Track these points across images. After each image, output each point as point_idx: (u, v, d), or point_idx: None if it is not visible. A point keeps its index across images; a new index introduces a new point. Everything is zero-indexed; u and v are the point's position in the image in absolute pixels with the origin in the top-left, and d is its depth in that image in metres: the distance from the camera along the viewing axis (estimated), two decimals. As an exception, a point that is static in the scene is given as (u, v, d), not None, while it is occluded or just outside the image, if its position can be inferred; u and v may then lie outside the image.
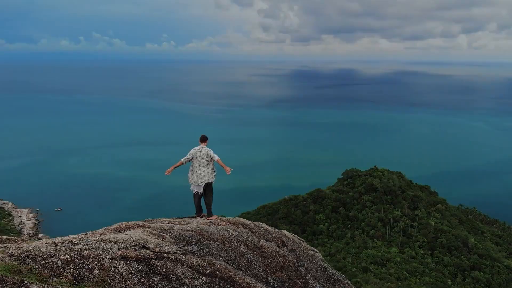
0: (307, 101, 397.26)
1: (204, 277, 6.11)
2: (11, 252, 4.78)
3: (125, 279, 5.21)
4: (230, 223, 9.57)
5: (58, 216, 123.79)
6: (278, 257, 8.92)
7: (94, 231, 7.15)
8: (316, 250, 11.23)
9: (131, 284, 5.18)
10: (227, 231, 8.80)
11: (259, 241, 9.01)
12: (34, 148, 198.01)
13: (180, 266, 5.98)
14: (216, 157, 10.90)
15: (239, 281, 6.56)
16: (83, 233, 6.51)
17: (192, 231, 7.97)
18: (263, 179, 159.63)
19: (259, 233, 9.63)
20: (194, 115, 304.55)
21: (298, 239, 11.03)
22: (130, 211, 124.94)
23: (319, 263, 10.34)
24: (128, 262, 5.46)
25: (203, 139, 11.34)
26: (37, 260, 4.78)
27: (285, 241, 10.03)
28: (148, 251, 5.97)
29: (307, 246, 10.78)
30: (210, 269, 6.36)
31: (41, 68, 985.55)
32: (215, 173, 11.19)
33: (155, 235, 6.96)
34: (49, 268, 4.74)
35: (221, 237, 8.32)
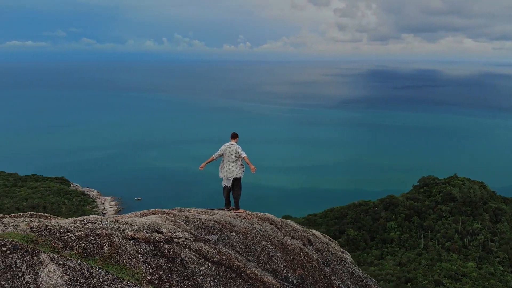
0: (383, 102, 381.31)
1: (210, 264, 6.38)
2: (33, 225, 5.49)
3: (132, 257, 5.67)
4: (256, 217, 9.73)
5: (137, 205, 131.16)
6: (302, 255, 8.90)
7: (123, 215, 7.78)
8: (347, 252, 10.95)
9: (136, 263, 5.63)
10: (251, 224, 8.98)
11: (283, 238, 9.06)
12: (119, 141, 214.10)
13: (187, 251, 6.32)
14: (244, 155, 11.25)
15: (247, 271, 6.72)
16: (117, 216, 7.16)
17: (215, 221, 8.30)
18: (332, 181, 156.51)
19: (285, 230, 9.67)
20: (265, 115, 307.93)
21: (329, 240, 10.85)
22: (202, 204, 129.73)
23: (347, 265, 10.09)
24: (137, 243, 5.92)
25: (234, 136, 11.79)
26: (54, 233, 5.43)
27: (312, 240, 9.95)
28: (159, 235, 6.41)
29: (336, 248, 10.58)
30: (218, 257, 6.61)
31: (127, 67, 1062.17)
32: (243, 169, 11.53)
33: (171, 221, 7.40)
34: (63, 241, 5.35)
35: (243, 229, 8.52)
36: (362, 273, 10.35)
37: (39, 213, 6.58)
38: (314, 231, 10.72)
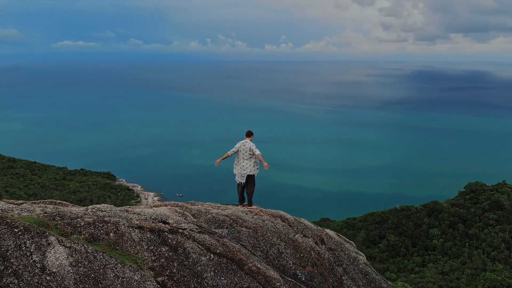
0: (429, 104, 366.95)
1: (212, 255, 6.62)
2: (47, 210, 5.96)
3: (135, 244, 6.02)
4: (269, 214, 9.86)
5: (178, 200, 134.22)
6: (312, 253, 8.93)
7: (134, 206, 8.19)
8: (361, 253, 10.81)
9: (140, 250, 5.97)
10: (262, 221, 9.12)
11: (294, 235, 9.13)
12: (162, 139, 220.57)
13: (191, 242, 6.59)
14: (257, 152, 11.45)
15: (249, 264, 6.89)
16: (126, 207, 7.60)
17: (226, 216, 8.53)
18: (373, 185, 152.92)
19: (297, 228, 9.73)
20: (305, 115, 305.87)
21: (345, 240, 10.78)
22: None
23: (360, 266, 9.99)
24: (142, 231, 6.27)
25: (248, 134, 12.09)
26: (64, 219, 5.87)
27: (325, 240, 9.93)
28: (164, 225, 6.73)
29: (351, 248, 10.48)
30: (221, 249, 6.83)
31: (172, 68, 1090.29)
32: (257, 167, 11.73)
33: (179, 213, 7.71)
34: (72, 226, 5.78)
35: (254, 225, 8.68)
36: (376, 275, 10.21)
37: (58, 201, 7.12)
38: (328, 230, 10.70)
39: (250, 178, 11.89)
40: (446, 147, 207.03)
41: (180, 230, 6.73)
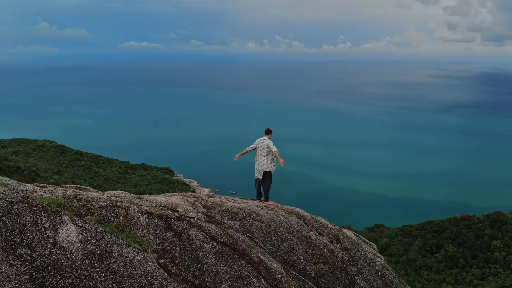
0: (497, 108, 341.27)
1: (215, 243, 6.97)
2: (66, 193, 6.66)
3: (142, 228, 6.54)
4: (284, 210, 10.01)
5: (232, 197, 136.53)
6: (325, 251, 8.97)
7: (148, 195, 8.76)
8: (380, 255, 10.58)
9: (146, 233, 6.48)
10: (276, 216, 9.31)
11: (308, 232, 9.21)
12: (219, 137, 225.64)
13: (196, 230, 6.99)
14: (274, 149, 11.73)
15: (252, 255, 7.14)
16: (147, 195, 8.21)
17: (240, 209, 8.84)
18: (432, 192, 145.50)
19: (312, 225, 9.78)
20: (363, 117, 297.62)
21: (364, 241, 10.64)
22: (290, 203, 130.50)
23: (377, 267, 9.82)
24: (150, 217, 6.77)
25: (267, 132, 12.40)
26: (80, 201, 6.53)
27: (341, 239, 9.89)
28: (172, 213, 7.19)
29: (368, 249, 10.32)
30: (225, 239, 7.16)
31: (230, 68, 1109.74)
32: (274, 164, 11.96)
33: (190, 203, 8.14)
34: (86, 208, 6.42)
35: (268, 219, 8.91)
36: (394, 278, 9.98)
37: (83, 187, 7.86)
38: (345, 230, 10.64)
39: (266, 174, 12.21)
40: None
41: (187, 218, 7.17)
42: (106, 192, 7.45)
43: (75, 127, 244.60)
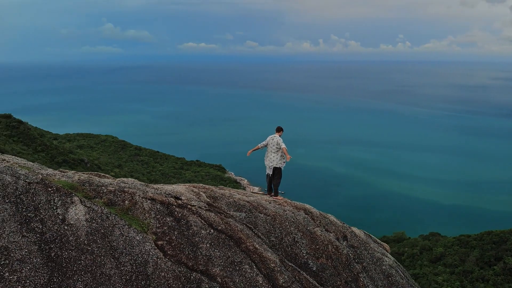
0: None
1: (212, 230, 7.43)
2: (81, 178, 7.47)
3: (144, 212, 7.18)
4: (293, 206, 10.23)
5: (281, 197, 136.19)
6: (330, 247, 9.11)
7: (157, 184, 9.40)
8: (389, 256, 10.43)
9: (147, 217, 7.11)
10: (283, 210, 9.59)
11: (314, 228, 9.39)
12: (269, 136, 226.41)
13: (195, 217, 7.51)
14: (283, 146, 12.03)
15: (247, 243, 7.52)
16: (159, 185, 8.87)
17: (248, 202, 9.24)
18: (493, 201, 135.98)
19: (320, 221, 9.92)
20: (420, 119, 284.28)
21: (375, 241, 10.56)
22: (341, 207, 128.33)
23: (384, 267, 9.73)
24: (153, 203, 7.40)
25: (278, 130, 12.72)
26: (92, 185, 7.30)
27: (348, 236, 9.93)
28: (175, 200, 7.75)
29: (376, 249, 10.22)
30: (223, 227, 7.60)
31: (285, 69, 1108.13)
32: (284, 160, 12.21)
33: (195, 193, 8.66)
34: (96, 192, 7.17)
35: (274, 213, 9.23)
36: (401, 278, 9.84)
37: (102, 174, 8.69)
38: (354, 228, 10.63)
39: (276, 170, 12.54)
40: None
41: (189, 206, 7.72)
42: (118, 178, 8.21)
43: (136, 124, 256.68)
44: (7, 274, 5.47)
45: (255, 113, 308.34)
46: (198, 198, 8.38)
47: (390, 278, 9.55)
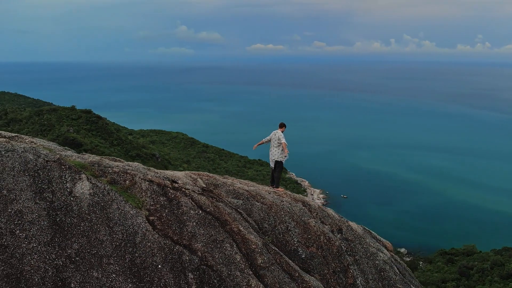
0: None
1: (200, 211, 8.27)
2: (91, 160, 8.71)
3: (141, 191, 8.22)
4: (292, 197, 10.70)
5: (343, 202, 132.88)
6: (322, 237, 9.50)
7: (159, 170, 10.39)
8: (386, 252, 10.42)
9: (144, 196, 8.15)
10: (281, 201, 10.13)
11: (309, 219, 9.82)
12: (334, 138, 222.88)
13: (187, 199, 8.39)
14: (283, 141, 12.55)
15: (232, 225, 8.23)
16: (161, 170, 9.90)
17: (247, 191, 9.94)
18: None
19: (317, 214, 10.30)
20: (499, 125, 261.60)
21: (375, 238, 10.63)
22: (406, 214, 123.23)
23: (377, 262, 9.84)
24: (151, 184, 8.41)
25: (281, 126, 13.26)
26: (100, 166, 8.50)
27: (343, 230, 10.18)
28: (172, 183, 8.70)
29: (373, 244, 10.31)
30: (211, 209, 8.40)
31: (353, 69, 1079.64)
32: (285, 155, 12.66)
33: (192, 178, 9.53)
34: (102, 171, 8.36)
35: (271, 203, 9.83)
36: (395, 275, 9.87)
37: (118, 159, 9.92)
38: (351, 223, 10.78)
39: (277, 164, 13.10)
40: None
41: (183, 189, 8.64)
42: (126, 162, 9.39)
43: (204, 122, 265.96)
44: (18, 231, 6.84)
45: (320, 114, 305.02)
46: (194, 183, 9.29)
47: (382, 273, 9.68)
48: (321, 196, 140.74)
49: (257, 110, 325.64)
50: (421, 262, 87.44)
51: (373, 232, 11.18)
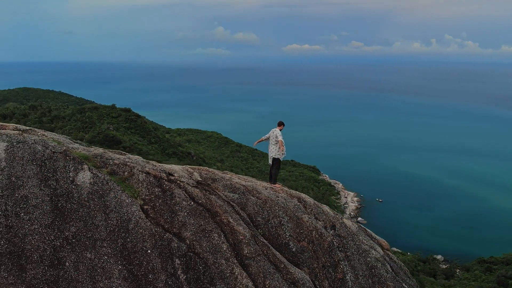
0: None
1: (192, 202, 8.75)
2: (95, 152, 9.39)
3: (138, 182, 8.82)
4: (288, 193, 10.95)
5: (378, 206, 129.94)
6: (314, 232, 9.73)
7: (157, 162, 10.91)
8: (379, 249, 10.42)
9: (140, 186, 8.75)
10: (276, 196, 10.43)
11: (302, 214, 10.06)
12: (371, 140, 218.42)
13: (180, 190, 8.90)
14: (279, 138, 12.86)
15: (222, 217, 8.67)
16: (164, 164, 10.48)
17: (243, 185, 10.33)
18: None
19: (311, 210, 10.51)
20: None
21: (370, 235, 10.69)
22: (446, 220, 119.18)
23: (368, 259, 9.92)
24: (147, 175, 8.99)
25: (279, 124, 13.54)
26: (102, 158, 9.16)
27: (337, 226, 10.33)
28: (167, 176, 9.23)
29: (366, 242, 10.37)
30: (203, 201, 8.87)
31: (392, 69, 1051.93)
32: (282, 152, 12.95)
33: (188, 172, 10.01)
34: (104, 163, 9.03)
35: (266, 198, 10.18)
36: (386, 272, 9.89)
37: (123, 152, 10.59)
38: (346, 220, 10.85)
39: (275, 161, 13.43)
40: None
41: (178, 182, 9.16)
42: (127, 155, 10.03)
43: (238, 122, 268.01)
44: (22, 214, 7.63)
45: (357, 115, 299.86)
46: (189, 176, 9.81)
47: (373, 270, 9.76)
48: (355, 199, 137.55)
49: (292, 111, 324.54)
50: (458, 270, 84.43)
51: (368, 230, 11.26)
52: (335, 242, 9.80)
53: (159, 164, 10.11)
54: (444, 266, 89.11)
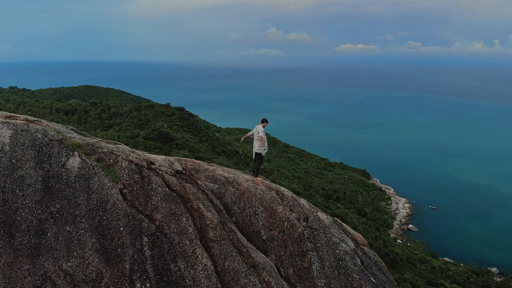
0: None
1: (167, 189, 9.66)
2: (88, 141, 10.57)
3: (121, 168, 9.88)
4: (267, 186, 11.48)
5: (431, 214, 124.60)
6: (286, 223, 10.26)
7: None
8: (350, 243, 10.61)
9: (122, 172, 9.82)
10: (255, 188, 11.04)
11: (277, 206, 10.60)
12: (425, 145, 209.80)
13: (157, 178, 9.85)
14: (260, 134, 13.36)
15: (193, 203, 9.49)
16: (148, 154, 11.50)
17: (224, 177, 11.08)
18: None
19: (287, 203, 11.00)
20: None
21: (345, 230, 10.93)
22: (503, 231, 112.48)
23: (337, 251, 10.23)
24: (130, 163, 10.03)
25: (262, 121, 13.98)
26: (93, 147, 10.32)
27: (310, 219, 10.71)
28: (148, 164, 10.19)
29: (338, 235, 10.63)
30: (178, 188, 9.74)
31: (451, 71, 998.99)
32: (264, 147, 13.44)
33: (169, 161, 10.89)
34: (93, 151, 10.19)
35: (244, 189, 10.85)
36: (355, 266, 10.13)
37: (118, 142, 11.71)
38: (320, 213, 11.15)
39: (257, 155, 13.97)
40: None
41: (157, 170, 10.12)
42: (116, 145, 11.13)
43: (287, 123, 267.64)
44: (17, 190, 9.01)
45: (412, 118, 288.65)
46: (170, 166, 10.72)
47: (340, 262, 10.05)
48: (407, 205, 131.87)
49: (343, 112, 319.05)
50: (513, 284, 79.55)
51: (344, 225, 11.50)
52: (305, 233, 10.28)
53: (144, 153, 11.14)
54: (498, 279, 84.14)
